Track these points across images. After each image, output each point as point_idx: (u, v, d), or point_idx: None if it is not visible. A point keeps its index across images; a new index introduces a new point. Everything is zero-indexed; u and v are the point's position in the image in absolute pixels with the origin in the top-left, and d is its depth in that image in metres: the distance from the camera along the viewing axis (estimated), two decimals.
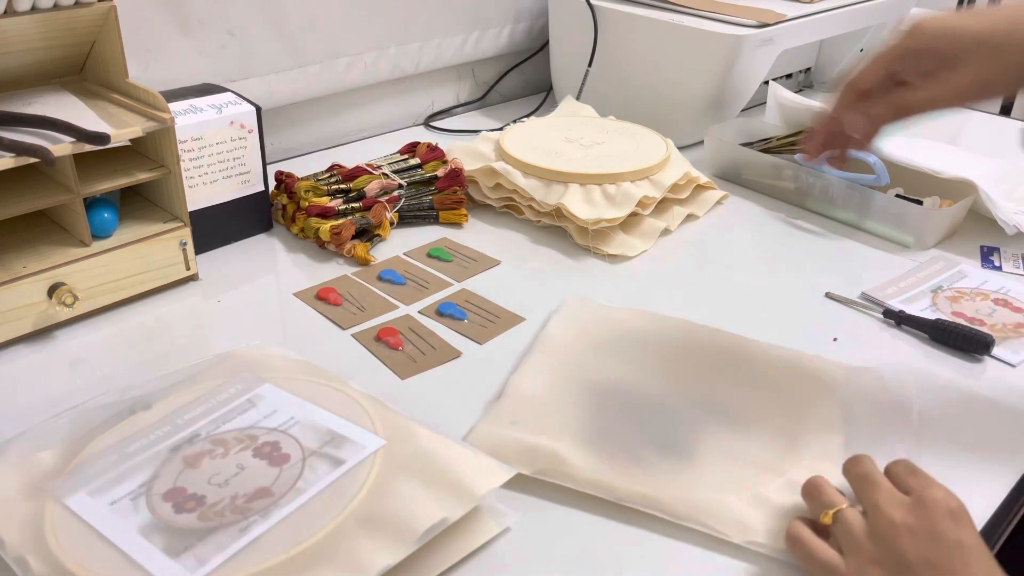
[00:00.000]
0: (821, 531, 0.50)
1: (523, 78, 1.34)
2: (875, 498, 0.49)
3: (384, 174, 0.91)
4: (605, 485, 0.54)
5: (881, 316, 0.75)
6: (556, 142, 0.95)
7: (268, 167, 0.86)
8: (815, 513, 0.51)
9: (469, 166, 0.93)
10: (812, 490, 0.52)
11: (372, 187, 0.88)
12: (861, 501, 0.50)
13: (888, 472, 0.51)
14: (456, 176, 0.91)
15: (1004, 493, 0.57)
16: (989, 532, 0.54)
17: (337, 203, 0.85)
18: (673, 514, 0.53)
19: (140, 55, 0.90)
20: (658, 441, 0.59)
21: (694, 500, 0.53)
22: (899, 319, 0.74)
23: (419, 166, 0.95)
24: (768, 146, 1.02)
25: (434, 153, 0.96)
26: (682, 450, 0.58)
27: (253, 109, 0.82)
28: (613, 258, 0.84)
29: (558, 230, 0.88)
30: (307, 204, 0.85)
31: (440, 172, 0.92)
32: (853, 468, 0.52)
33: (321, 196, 0.87)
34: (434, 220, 0.90)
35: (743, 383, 0.64)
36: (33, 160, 0.64)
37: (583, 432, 0.59)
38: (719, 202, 0.96)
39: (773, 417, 0.61)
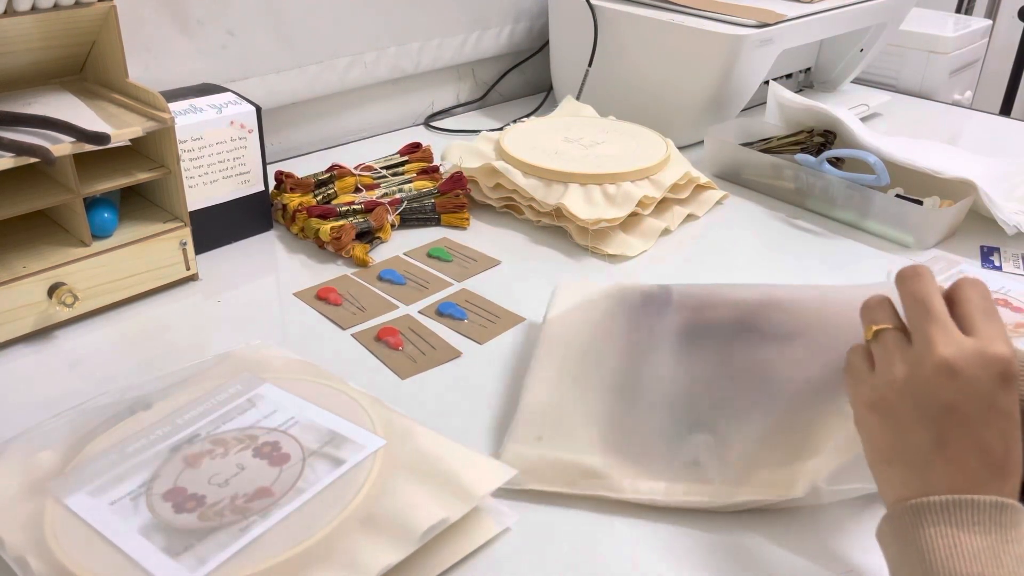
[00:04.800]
0: None
1: (523, 78, 1.34)
2: (929, 331, 0.44)
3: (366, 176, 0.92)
4: (648, 489, 0.54)
5: None
6: (556, 142, 0.95)
7: (268, 167, 0.86)
8: (865, 328, 0.48)
9: (469, 165, 0.93)
10: (868, 304, 0.48)
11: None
12: (912, 327, 0.46)
13: (956, 295, 0.46)
14: (458, 180, 0.91)
15: None
16: None
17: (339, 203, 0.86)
18: (725, 505, 0.53)
19: (140, 55, 0.90)
20: (689, 426, 0.56)
21: (744, 483, 0.53)
22: None
23: (404, 163, 0.98)
24: (768, 146, 1.02)
25: (423, 154, 1.00)
26: (718, 432, 0.55)
27: (253, 109, 0.82)
28: (613, 258, 0.84)
29: (558, 230, 0.88)
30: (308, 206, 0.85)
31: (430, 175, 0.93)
32: (909, 285, 0.46)
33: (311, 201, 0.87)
34: (436, 223, 0.90)
35: (774, 339, 0.57)
36: (33, 160, 0.64)
37: (612, 435, 0.57)
38: (719, 202, 0.96)
39: (811, 371, 0.55)
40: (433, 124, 1.21)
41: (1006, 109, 1.88)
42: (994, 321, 0.45)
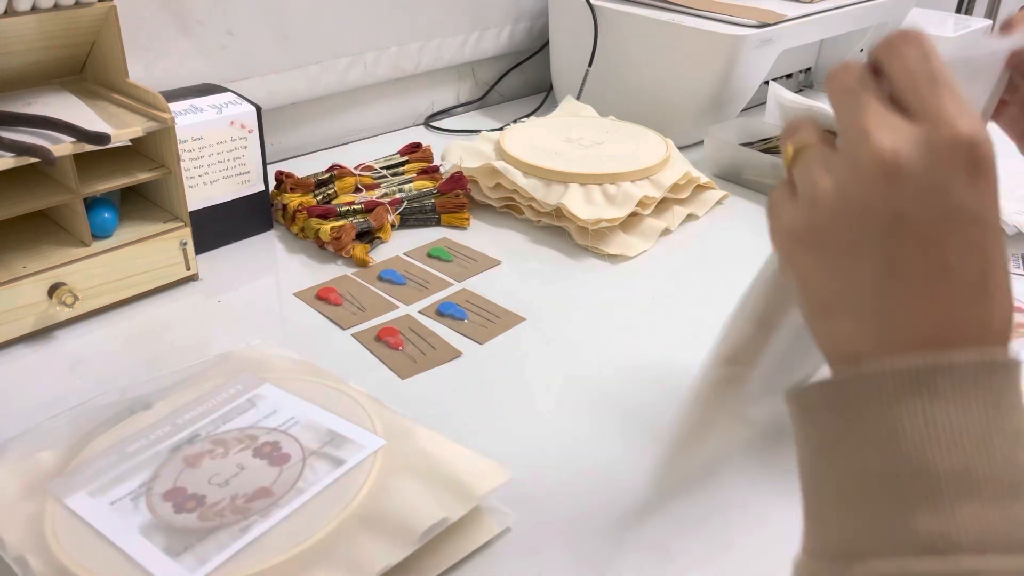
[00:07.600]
0: None
1: (523, 78, 1.34)
2: (862, 122, 0.32)
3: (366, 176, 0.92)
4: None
5: None
6: (556, 142, 0.95)
7: (268, 167, 0.86)
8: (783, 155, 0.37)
9: (469, 165, 0.93)
10: (789, 126, 0.37)
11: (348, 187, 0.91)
12: (840, 127, 0.33)
13: (888, 65, 0.33)
14: (458, 180, 0.91)
15: None
16: None
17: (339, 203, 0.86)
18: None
19: (140, 55, 0.90)
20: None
21: None
22: None
23: (404, 163, 0.98)
24: (768, 146, 1.02)
25: (423, 154, 1.00)
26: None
27: (253, 109, 0.82)
28: (613, 258, 0.84)
29: (558, 230, 0.88)
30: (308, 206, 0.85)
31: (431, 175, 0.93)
32: (837, 78, 0.34)
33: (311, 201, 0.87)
34: (436, 223, 0.90)
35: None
36: (33, 160, 0.64)
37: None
38: (719, 202, 0.96)
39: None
40: (433, 124, 1.21)
41: None
42: (946, 90, 0.31)
